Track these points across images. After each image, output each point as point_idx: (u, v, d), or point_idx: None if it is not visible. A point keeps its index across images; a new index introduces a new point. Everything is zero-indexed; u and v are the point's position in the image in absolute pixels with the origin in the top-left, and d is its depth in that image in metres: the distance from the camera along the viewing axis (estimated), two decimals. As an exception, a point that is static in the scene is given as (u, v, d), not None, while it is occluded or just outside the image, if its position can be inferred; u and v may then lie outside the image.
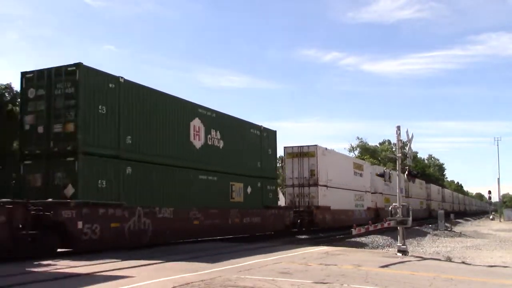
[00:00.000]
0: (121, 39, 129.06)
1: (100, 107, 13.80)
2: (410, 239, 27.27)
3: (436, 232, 35.54)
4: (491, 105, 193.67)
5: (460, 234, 35.82)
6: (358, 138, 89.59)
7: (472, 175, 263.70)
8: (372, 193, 36.74)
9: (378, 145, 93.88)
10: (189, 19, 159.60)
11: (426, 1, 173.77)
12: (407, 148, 17.51)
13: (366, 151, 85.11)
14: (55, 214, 11.97)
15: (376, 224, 17.22)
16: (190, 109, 17.93)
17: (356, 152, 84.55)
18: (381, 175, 24.51)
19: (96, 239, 12.98)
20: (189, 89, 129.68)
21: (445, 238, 31.67)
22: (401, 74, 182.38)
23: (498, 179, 74.36)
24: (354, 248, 18.35)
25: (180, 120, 17.25)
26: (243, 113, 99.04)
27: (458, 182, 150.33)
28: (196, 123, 18.04)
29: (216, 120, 19.32)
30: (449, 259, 14.82)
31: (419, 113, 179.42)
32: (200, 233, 17.96)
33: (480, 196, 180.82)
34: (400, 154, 16.60)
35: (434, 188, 66.83)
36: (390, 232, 24.74)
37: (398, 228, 15.39)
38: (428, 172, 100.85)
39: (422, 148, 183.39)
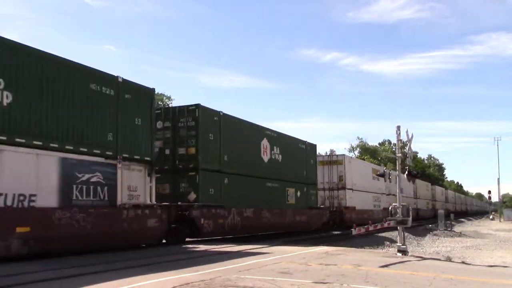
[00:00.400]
0: (121, 39, 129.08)
1: (210, 135, 18.65)
2: (410, 239, 27.29)
3: (436, 232, 35.57)
4: (491, 105, 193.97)
5: (460, 234, 35.84)
6: (358, 138, 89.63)
7: (472, 175, 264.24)
8: (387, 194, 40.51)
9: (378, 145, 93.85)
10: (189, 19, 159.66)
11: (426, 1, 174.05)
12: (407, 148, 17.51)
13: (366, 151, 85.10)
14: (189, 213, 16.93)
15: (376, 224, 17.21)
16: (260, 131, 22.85)
17: (356, 152, 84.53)
18: (381, 175, 25.32)
19: (210, 231, 18.00)
20: (189, 89, 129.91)
21: (445, 238, 31.70)
22: (401, 74, 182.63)
23: (498, 179, 74.49)
24: (354, 248, 18.33)
25: (255, 140, 22.14)
26: (243, 113, 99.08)
27: (458, 182, 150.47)
28: (264, 142, 23.08)
29: (276, 139, 24.12)
30: (449, 259, 14.83)
31: (419, 113, 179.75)
32: (267, 229, 23.18)
33: (480, 196, 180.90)
34: (400, 154, 16.60)
35: (438, 189, 72.66)
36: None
37: (398, 228, 15.40)
38: (428, 172, 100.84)
39: (422, 148, 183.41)
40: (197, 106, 18.14)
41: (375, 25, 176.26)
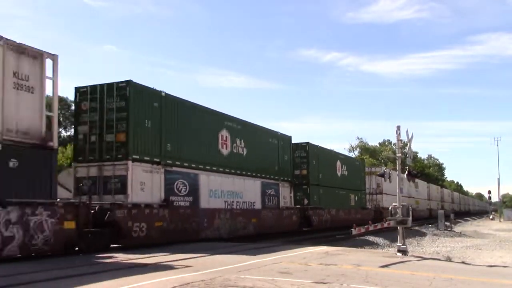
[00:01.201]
0: (122, 39, 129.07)
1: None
2: (410, 239, 27.28)
3: (436, 232, 35.57)
4: (491, 105, 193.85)
5: (460, 234, 35.83)
6: (358, 138, 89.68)
7: (472, 175, 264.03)
8: (408, 197, 50.08)
9: (378, 145, 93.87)
10: (189, 19, 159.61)
11: (426, 1, 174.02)
12: (407, 148, 17.51)
13: (366, 151, 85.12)
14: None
15: (376, 224, 17.22)
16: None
17: (356, 152, 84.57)
18: (381, 175, 26.21)
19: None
20: (189, 89, 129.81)
21: (445, 238, 31.67)
22: (401, 74, 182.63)
23: (498, 179, 74.45)
24: (354, 248, 18.33)
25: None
26: (243, 113, 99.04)
27: (458, 182, 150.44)
28: (339, 164, 33.13)
29: (345, 160, 35.46)
30: (449, 259, 14.83)
31: (419, 113, 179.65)
32: (340, 223, 29.71)
33: (480, 196, 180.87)
34: (400, 154, 16.60)
35: (446, 191, 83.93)
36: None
37: (398, 228, 15.39)
38: (428, 172, 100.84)
39: (422, 148, 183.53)
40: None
41: (375, 25, 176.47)
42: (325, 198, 29.15)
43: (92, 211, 13.29)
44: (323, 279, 8.71)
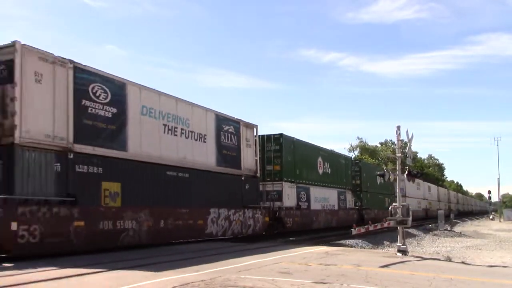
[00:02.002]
0: (122, 39, 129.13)
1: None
2: (410, 239, 27.28)
3: (436, 232, 35.57)
4: (491, 105, 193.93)
5: (460, 234, 35.82)
6: (358, 138, 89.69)
7: (472, 175, 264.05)
8: (422, 199, 57.72)
9: (379, 145, 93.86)
10: (189, 19, 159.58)
11: (426, 1, 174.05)
12: (407, 148, 17.50)
13: (366, 151, 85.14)
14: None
15: (376, 224, 17.21)
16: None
17: (356, 152, 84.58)
18: (381, 175, 26.75)
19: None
20: (189, 89, 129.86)
21: (445, 238, 31.68)
22: (401, 74, 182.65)
23: (498, 179, 74.55)
24: (354, 248, 18.37)
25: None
26: (243, 113, 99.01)
27: (458, 182, 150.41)
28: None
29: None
30: (449, 259, 14.82)
31: (419, 113, 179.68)
32: (380, 220, 35.03)
33: (480, 196, 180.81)
34: (400, 154, 16.59)
35: (452, 193, 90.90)
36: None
37: (398, 228, 15.39)
38: (428, 172, 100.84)
39: (422, 148, 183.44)
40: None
41: (375, 26, 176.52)
42: (370, 201, 38.34)
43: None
44: (323, 279, 8.71)
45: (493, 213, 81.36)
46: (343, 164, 33.69)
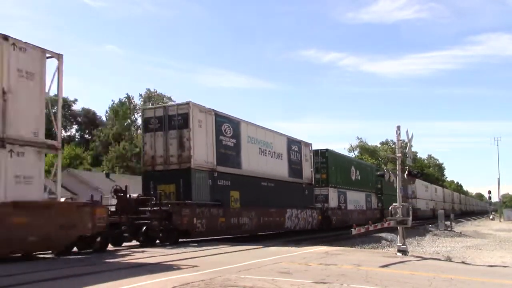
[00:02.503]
0: (122, 39, 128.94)
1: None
2: (410, 239, 27.30)
3: (436, 232, 35.59)
4: (491, 105, 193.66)
5: (460, 234, 35.85)
6: (358, 138, 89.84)
7: (472, 175, 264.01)
8: (430, 200, 63.47)
9: (379, 145, 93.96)
10: (189, 19, 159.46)
11: (426, 1, 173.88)
12: (407, 148, 17.49)
13: (366, 151, 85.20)
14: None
15: (376, 224, 17.22)
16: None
17: (356, 152, 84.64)
18: (381, 175, 28.74)
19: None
20: (189, 89, 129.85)
21: (445, 238, 31.70)
22: (401, 74, 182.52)
23: (498, 179, 74.61)
24: (354, 248, 18.36)
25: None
26: (243, 113, 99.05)
27: (458, 182, 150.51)
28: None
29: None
30: (449, 259, 14.82)
31: (419, 113, 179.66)
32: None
33: (480, 196, 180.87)
34: (400, 154, 16.58)
35: (455, 194, 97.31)
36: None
37: (398, 228, 15.38)
38: (428, 172, 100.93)
39: (422, 148, 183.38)
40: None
41: (375, 26, 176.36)
42: (389, 202, 49.23)
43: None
44: (323, 279, 8.71)
45: (493, 213, 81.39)
46: (369, 171, 40.18)
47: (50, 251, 12.33)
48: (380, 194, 42.33)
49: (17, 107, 11.35)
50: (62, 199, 13.78)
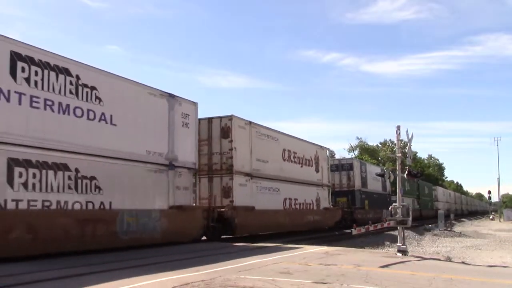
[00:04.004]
0: (122, 39, 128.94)
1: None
2: (410, 239, 27.30)
3: (436, 232, 35.61)
4: (491, 105, 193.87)
5: (460, 234, 35.86)
6: (358, 138, 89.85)
7: (472, 175, 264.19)
8: (445, 202, 75.45)
9: (379, 145, 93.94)
10: (188, 20, 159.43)
11: (425, 2, 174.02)
12: (407, 148, 17.48)
13: (366, 151, 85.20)
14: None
15: (376, 224, 17.19)
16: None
17: (356, 152, 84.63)
18: (381, 175, 28.74)
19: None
20: (189, 89, 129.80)
21: (445, 238, 31.71)
22: (400, 74, 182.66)
23: (498, 179, 74.76)
24: (354, 248, 18.33)
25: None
26: (243, 113, 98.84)
27: (457, 182, 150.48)
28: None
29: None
30: (449, 259, 14.82)
31: (419, 113, 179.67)
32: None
33: (480, 196, 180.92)
34: (400, 154, 16.58)
35: (463, 196, 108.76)
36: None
37: (398, 228, 15.38)
38: (428, 172, 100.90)
39: (422, 148, 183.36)
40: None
41: (374, 26, 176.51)
42: (427, 205, 55.87)
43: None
44: (323, 279, 8.71)
45: (493, 213, 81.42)
46: (413, 181, 47.99)
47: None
48: (418, 198, 53.54)
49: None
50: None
